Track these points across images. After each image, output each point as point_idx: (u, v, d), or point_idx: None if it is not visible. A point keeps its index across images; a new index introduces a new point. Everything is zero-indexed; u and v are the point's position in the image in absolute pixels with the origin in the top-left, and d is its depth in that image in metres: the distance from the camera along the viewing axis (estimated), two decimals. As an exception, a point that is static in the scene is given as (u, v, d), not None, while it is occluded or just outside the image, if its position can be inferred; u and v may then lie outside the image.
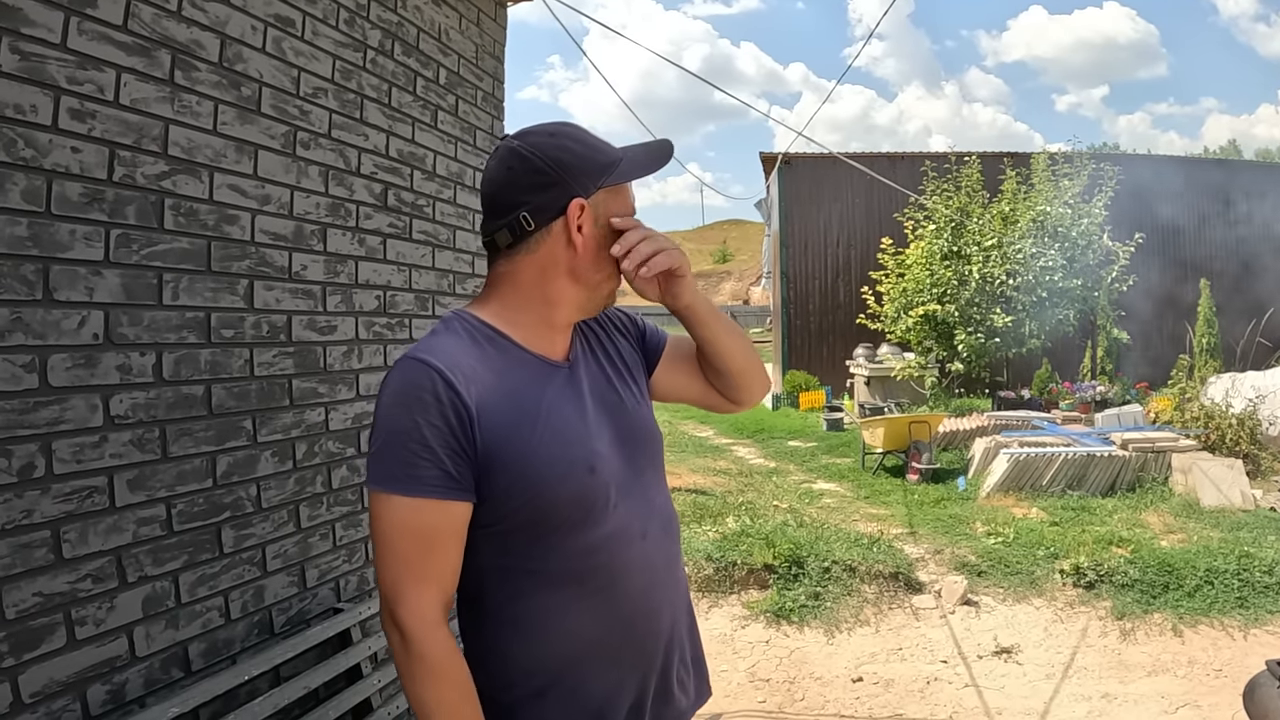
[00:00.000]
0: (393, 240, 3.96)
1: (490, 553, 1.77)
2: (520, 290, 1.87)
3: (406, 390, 1.68)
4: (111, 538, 2.54)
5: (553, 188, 1.79)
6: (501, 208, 1.82)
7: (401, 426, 1.66)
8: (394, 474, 1.66)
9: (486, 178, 1.88)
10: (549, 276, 1.85)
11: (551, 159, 1.79)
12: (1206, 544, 8.75)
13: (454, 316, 1.87)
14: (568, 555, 1.79)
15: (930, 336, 18.08)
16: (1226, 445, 11.76)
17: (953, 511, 10.69)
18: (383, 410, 1.71)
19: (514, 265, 1.86)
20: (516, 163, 1.80)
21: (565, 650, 1.80)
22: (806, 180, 24.54)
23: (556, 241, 1.82)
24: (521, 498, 1.73)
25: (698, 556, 8.26)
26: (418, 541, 1.67)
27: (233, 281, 3.01)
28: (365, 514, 3.76)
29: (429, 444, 1.65)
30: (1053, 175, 18.39)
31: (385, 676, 3.64)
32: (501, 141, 1.87)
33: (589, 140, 1.87)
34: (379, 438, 1.69)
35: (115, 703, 2.53)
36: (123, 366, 2.59)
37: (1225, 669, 6.45)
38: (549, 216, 1.80)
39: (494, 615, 1.80)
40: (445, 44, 4.37)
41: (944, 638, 7.23)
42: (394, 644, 1.68)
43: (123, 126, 2.57)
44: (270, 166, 3.18)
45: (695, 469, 13.38)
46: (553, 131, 1.85)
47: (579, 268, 1.86)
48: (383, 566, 1.68)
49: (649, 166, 1.94)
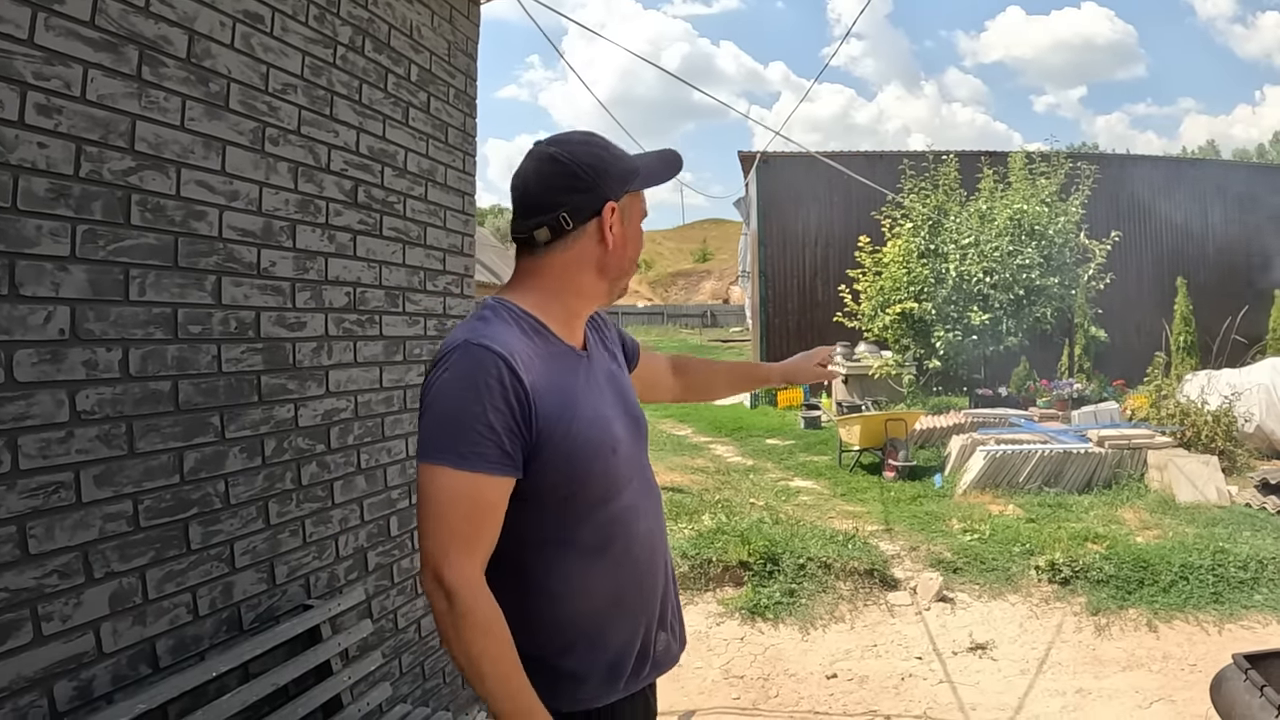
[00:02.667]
0: (363, 237, 3.96)
1: (526, 523, 1.93)
2: (555, 282, 2.04)
3: (474, 373, 1.82)
4: (78, 533, 2.54)
5: (589, 191, 1.98)
6: (541, 207, 1.99)
7: (468, 406, 1.81)
8: (458, 450, 1.79)
9: (522, 179, 2.03)
10: (581, 270, 2.05)
11: (588, 165, 1.98)
12: (1182, 540, 8.79)
13: (499, 304, 2.00)
14: (593, 526, 1.99)
15: (908, 334, 18.17)
16: (1202, 442, 11.83)
17: (929, 508, 10.72)
18: (446, 390, 1.83)
19: (550, 259, 2.03)
20: (555, 167, 1.98)
21: (588, 608, 2.00)
22: (785, 179, 24.57)
23: (590, 239, 2.02)
24: (561, 475, 1.92)
25: (674, 554, 8.24)
26: (471, 512, 1.82)
27: (200, 277, 3.01)
28: (335, 510, 3.77)
29: (492, 424, 1.81)
30: (1030, 174, 18.48)
31: (356, 673, 3.64)
32: (536, 146, 2.05)
33: (615, 149, 2.06)
34: (441, 415, 1.83)
35: (82, 699, 2.53)
36: (89, 362, 2.58)
37: (1200, 664, 6.48)
38: (585, 216, 2.00)
39: (526, 578, 1.96)
40: (417, 41, 4.37)
41: (919, 634, 7.25)
42: (438, 605, 1.80)
43: (90, 122, 2.57)
44: (239, 162, 3.18)
45: (673, 467, 13.37)
46: (585, 140, 2.04)
47: (608, 263, 2.07)
48: (431, 533, 1.81)
49: (664, 175, 2.18)
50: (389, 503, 4.17)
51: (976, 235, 17.73)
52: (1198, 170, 26.80)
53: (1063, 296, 17.54)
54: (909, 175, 19.41)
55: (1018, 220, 17.51)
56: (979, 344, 17.44)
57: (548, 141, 2.05)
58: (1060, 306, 17.66)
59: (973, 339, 17.33)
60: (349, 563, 3.90)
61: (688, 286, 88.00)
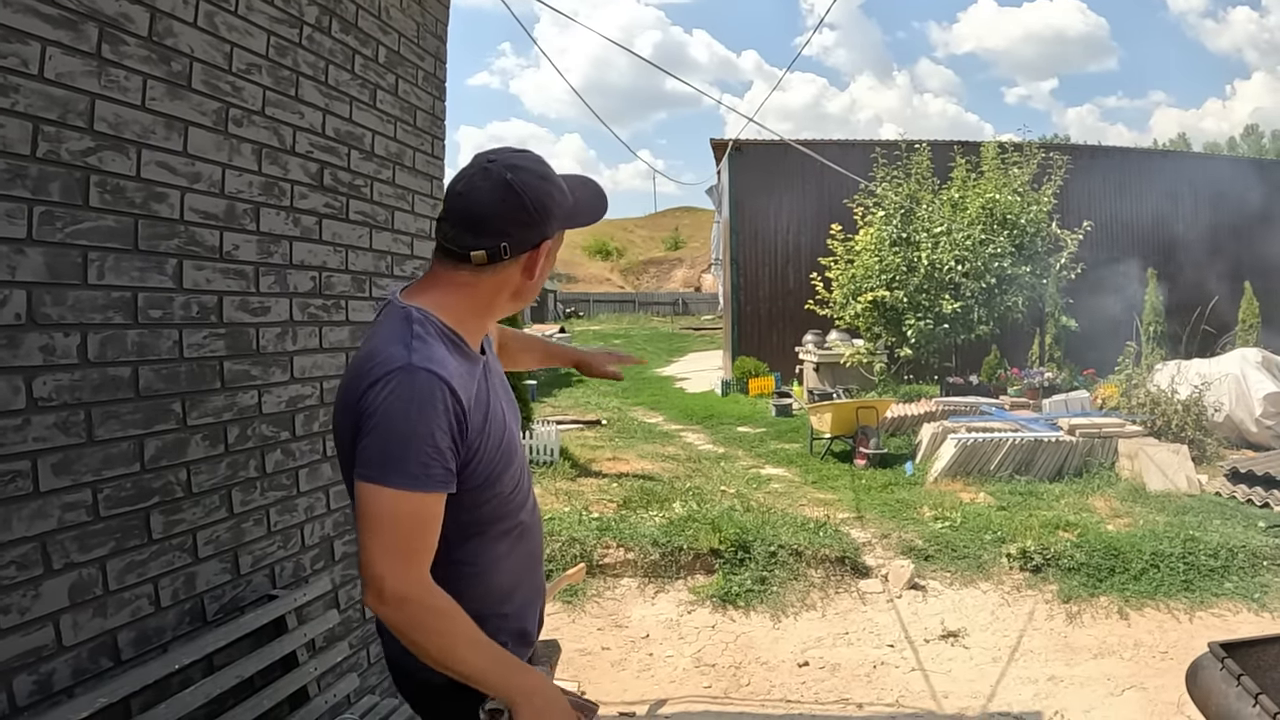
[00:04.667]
0: (329, 220, 3.90)
1: (450, 520, 1.99)
2: (478, 301, 2.12)
3: (423, 398, 1.89)
4: (36, 523, 2.48)
5: (533, 228, 2.06)
6: (488, 233, 2.03)
7: (416, 429, 1.87)
8: (410, 473, 1.86)
9: (476, 198, 2.04)
10: (502, 294, 2.14)
11: (540, 205, 2.05)
12: (1152, 528, 8.88)
13: (425, 320, 2.03)
14: (505, 517, 2.18)
15: (879, 323, 18.20)
16: (1172, 431, 11.94)
17: (900, 496, 10.77)
18: (394, 412, 1.88)
19: (478, 279, 2.09)
20: (510, 198, 2.02)
21: (503, 586, 2.21)
22: (757, 167, 24.52)
23: (517, 268, 2.11)
24: (483, 477, 2.05)
25: (644, 542, 8.27)
26: (419, 528, 1.90)
27: (161, 261, 2.95)
28: (300, 498, 3.72)
29: (439, 445, 1.89)
30: (1003, 164, 18.55)
31: (322, 664, 3.60)
32: (492, 166, 2.06)
33: (560, 184, 2.13)
34: (391, 437, 1.87)
35: (42, 693, 2.48)
36: (46, 348, 2.52)
37: (1171, 651, 6.53)
38: (522, 250, 2.08)
39: (451, 564, 2.05)
40: (385, 22, 4.30)
41: (890, 622, 7.27)
42: (393, 616, 1.88)
43: (47, 101, 2.50)
44: (201, 144, 3.11)
45: (644, 455, 13.38)
46: (540, 174, 2.08)
47: (525, 291, 2.17)
48: (377, 549, 1.86)
49: (595, 216, 2.26)
50: (356, 491, 4.10)
51: (948, 224, 17.82)
52: (1169, 162, 26.95)
53: (1034, 285, 17.65)
54: (881, 164, 19.44)
55: (990, 209, 17.61)
56: (950, 332, 17.55)
57: (505, 165, 2.06)
58: (1031, 295, 17.76)
59: (944, 327, 17.43)
60: (315, 552, 3.84)
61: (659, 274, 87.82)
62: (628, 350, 3.82)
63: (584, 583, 7.61)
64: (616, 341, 39.97)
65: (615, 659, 6.65)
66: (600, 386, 23.16)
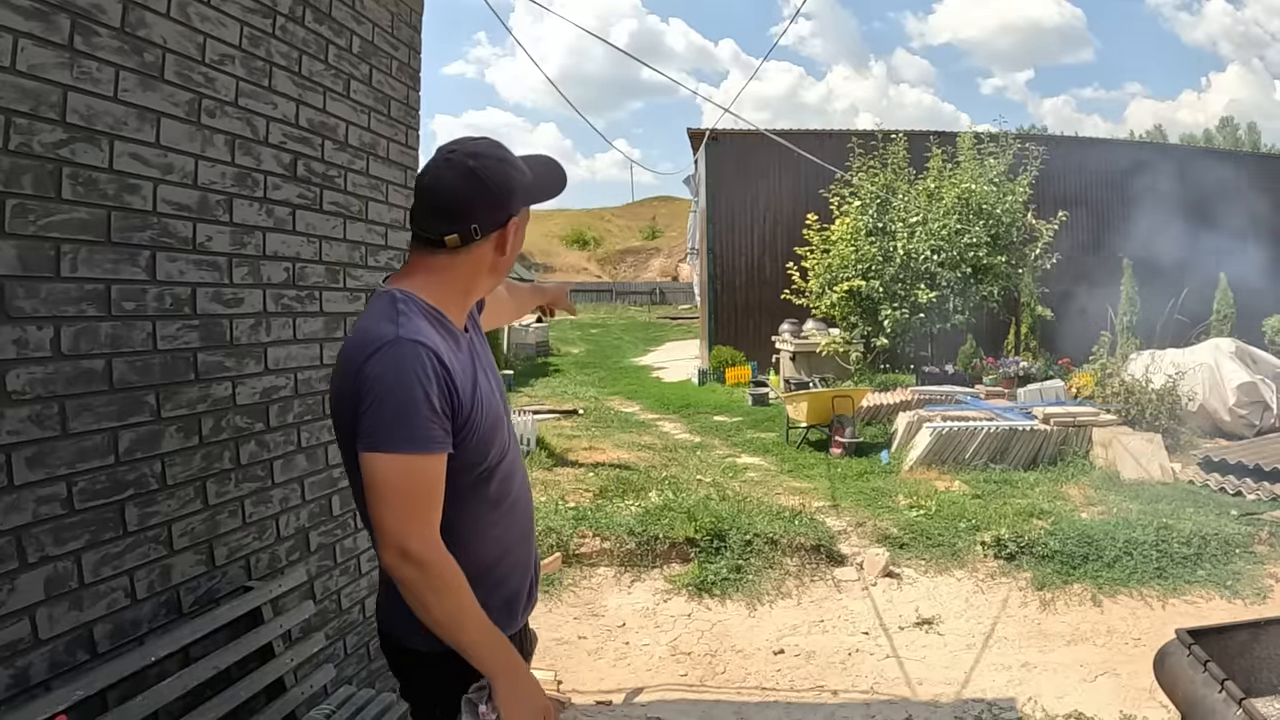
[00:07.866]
0: (302, 211, 3.88)
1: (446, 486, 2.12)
2: (455, 281, 2.27)
3: (412, 367, 2.02)
4: (10, 517, 2.47)
5: (499, 208, 2.22)
6: (459, 218, 2.18)
7: (412, 394, 2.00)
8: (412, 437, 2.00)
9: (443, 187, 2.20)
10: (479, 271, 2.29)
11: (503, 186, 2.21)
12: (1126, 516, 8.95)
13: (408, 299, 2.18)
14: (494, 484, 2.29)
15: (855, 312, 18.23)
16: (1147, 420, 12.00)
17: (876, 485, 10.83)
18: (387, 384, 2.01)
19: (454, 261, 2.24)
20: (474, 182, 2.17)
21: (494, 552, 2.31)
22: (733, 157, 24.50)
23: (490, 246, 2.26)
24: (474, 444, 2.18)
25: (620, 531, 8.30)
26: (427, 488, 2.05)
27: (134, 253, 2.93)
28: (275, 490, 3.71)
29: (436, 409, 2.03)
30: (979, 154, 18.60)
31: (299, 655, 3.60)
32: (454, 156, 2.21)
33: (519, 165, 2.28)
34: (390, 405, 2.00)
35: (19, 686, 2.47)
36: (19, 340, 2.51)
37: (1144, 638, 6.58)
38: (492, 229, 2.23)
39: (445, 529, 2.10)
40: (359, 12, 4.28)
41: (865, 609, 7.31)
42: (409, 574, 2.00)
43: (19, 93, 2.49)
44: (174, 135, 3.09)
45: (620, 444, 13.40)
46: (500, 157, 2.23)
47: (500, 266, 2.32)
48: (392, 514, 2.00)
49: (555, 191, 2.43)
50: (330, 481, 4.11)
51: (924, 214, 17.88)
52: (1146, 153, 27.06)
53: (1009, 275, 17.74)
54: (858, 154, 19.46)
55: (965, 199, 17.64)
56: (926, 322, 17.62)
57: (466, 153, 2.21)
58: (1007, 285, 17.85)
59: (920, 317, 17.50)
60: (290, 543, 3.84)
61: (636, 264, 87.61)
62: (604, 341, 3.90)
63: (560, 571, 7.63)
64: (594, 331, 40.00)
65: (592, 648, 6.66)
66: (578, 376, 23.17)
